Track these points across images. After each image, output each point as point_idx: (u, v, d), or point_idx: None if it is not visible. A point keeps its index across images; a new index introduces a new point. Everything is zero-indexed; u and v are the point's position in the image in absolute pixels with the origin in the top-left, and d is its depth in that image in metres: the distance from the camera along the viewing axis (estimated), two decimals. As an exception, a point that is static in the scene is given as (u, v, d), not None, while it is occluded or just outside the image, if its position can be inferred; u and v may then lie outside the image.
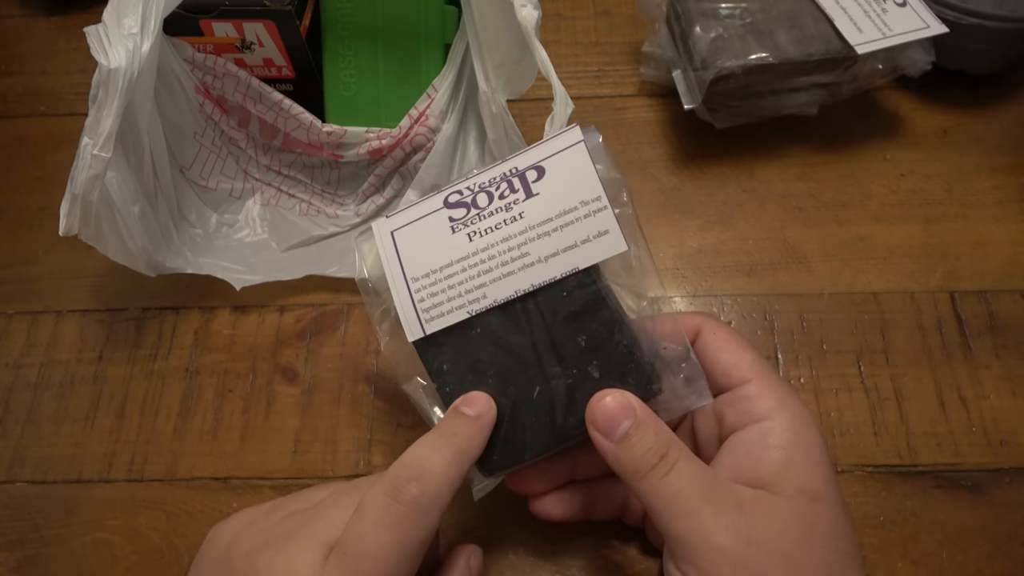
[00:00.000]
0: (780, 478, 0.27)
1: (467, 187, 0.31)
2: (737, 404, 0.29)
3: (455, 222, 0.30)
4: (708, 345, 0.30)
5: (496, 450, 0.30)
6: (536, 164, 0.30)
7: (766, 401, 0.29)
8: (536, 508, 0.32)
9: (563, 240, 0.29)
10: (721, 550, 0.25)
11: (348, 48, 0.44)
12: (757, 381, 0.29)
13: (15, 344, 0.43)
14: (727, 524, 0.25)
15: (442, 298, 0.30)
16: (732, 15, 0.44)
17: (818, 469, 0.27)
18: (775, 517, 0.26)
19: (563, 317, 0.29)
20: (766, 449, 0.28)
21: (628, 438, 0.27)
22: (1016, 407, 0.38)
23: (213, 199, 0.45)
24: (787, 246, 0.44)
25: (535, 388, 0.29)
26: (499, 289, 0.29)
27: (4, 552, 0.37)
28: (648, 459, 0.27)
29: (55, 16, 0.57)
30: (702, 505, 0.26)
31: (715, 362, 0.30)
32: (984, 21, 0.44)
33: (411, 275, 0.30)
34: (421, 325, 0.30)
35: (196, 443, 0.39)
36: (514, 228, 0.29)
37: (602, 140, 0.30)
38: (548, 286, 0.29)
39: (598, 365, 0.29)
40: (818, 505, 0.27)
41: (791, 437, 0.28)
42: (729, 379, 0.30)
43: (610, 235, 0.29)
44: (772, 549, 0.25)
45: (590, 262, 0.29)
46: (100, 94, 0.34)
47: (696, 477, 0.27)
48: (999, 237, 0.43)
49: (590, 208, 0.29)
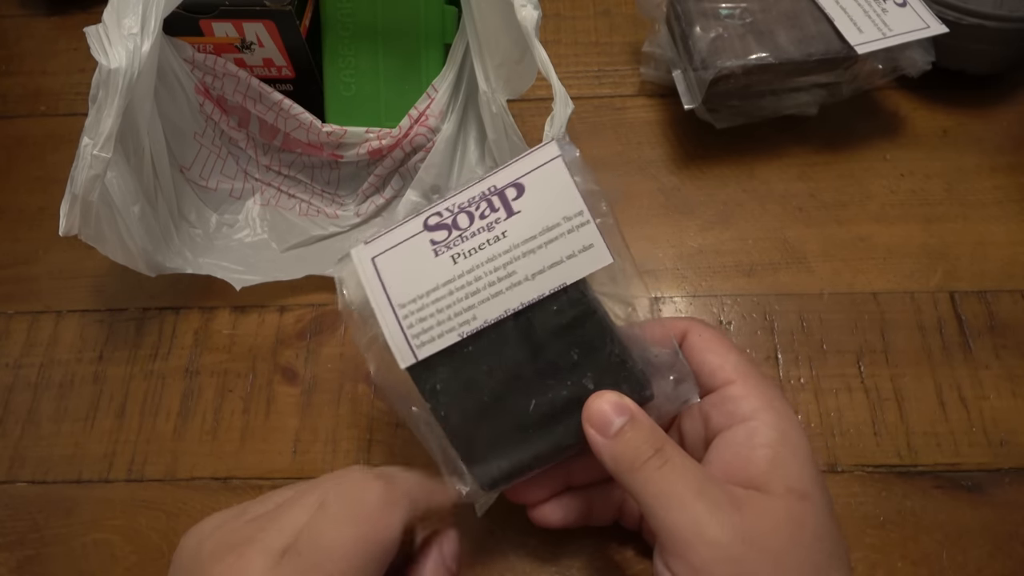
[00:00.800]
0: (768, 477, 0.27)
1: (446, 208, 0.30)
2: (722, 404, 0.29)
3: (437, 244, 0.30)
4: (694, 347, 0.31)
5: (496, 466, 0.30)
6: (515, 181, 0.30)
7: (751, 401, 0.29)
8: (535, 516, 0.32)
9: (548, 257, 0.29)
10: (716, 545, 0.25)
11: (348, 48, 0.44)
12: (742, 382, 0.29)
13: (15, 344, 0.43)
14: (722, 520, 0.25)
15: (431, 323, 0.29)
16: (732, 15, 0.44)
17: (804, 468, 0.27)
18: (766, 515, 0.26)
19: (554, 331, 0.29)
20: (753, 448, 0.28)
21: (623, 433, 0.27)
22: (1016, 407, 0.38)
23: (213, 199, 0.45)
24: (787, 246, 0.44)
25: (531, 402, 0.29)
26: (488, 310, 0.29)
27: (4, 552, 0.37)
28: (643, 451, 0.27)
29: (55, 16, 0.57)
30: (697, 499, 0.26)
31: (701, 363, 0.30)
32: (984, 21, 0.44)
33: (397, 302, 0.30)
34: (412, 351, 0.29)
35: (196, 443, 0.39)
36: (498, 248, 0.29)
37: (579, 154, 0.30)
38: (537, 302, 0.29)
39: (592, 376, 0.29)
40: (806, 504, 0.27)
41: (777, 436, 0.28)
42: (714, 380, 0.30)
43: (595, 249, 0.29)
44: (763, 547, 0.25)
45: (577, 277, 0.29)
46: (100, 94, 0.34)
47: (691, 472, 0.27)
48: (999, 237, 0.43)
49: (573, 223, 0.29)
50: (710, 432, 0.30)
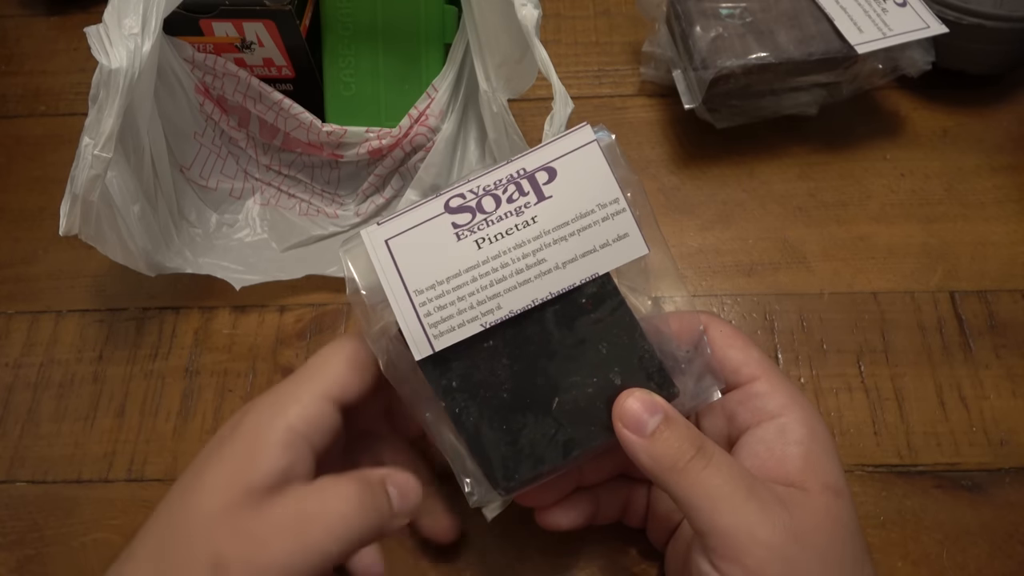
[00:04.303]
0: (805, 474, 0.27)
1: (469, 190, 0.29)
2: (748, 401, 0.29)
3: (460, 228, 0.28)
4: (715, 343, 0.30)
5: (515, 469, 0.28)
6: (546, 165, 0.29)
7: (777, 398, 0.28)
8: (544, 520, 0.32)
9: (581, 245, 0.28)
10: (770, 546, 0.25)
11: (348, 48, 0.44)
12: (766, 378, 0.29)
13: (15, 344, 0.43)
14: (774, 520, 0.25)
15: (451, 311, 0.27)
16: (732, 15, 0.44)
17: (835, 464, 0.27)
18: (809, 513, 0.26)
19: (582, 324, 0.28)
20: (787, 446, 0.27)
21: (660, 432, 0.27)
22: (1016, 407, 0.38)
23: (213, 199, 0.45)
24: (787, 246, 0.44)
25: (554, 400, 0.28)
26: (515, 299, 0.28)
27: (4, 552, 0.37)
28: (684, 451, 0.26)
29: (55, 16, 0.57)
30: (747, 500, 0.25)
31: (724, 359, 0.30)
32: (984, 21, 0.44)
33: (413, 288, 0.28)
34: (429, 341, 0.27)
35: (196, 443, 0.39)
36: (527, 233, 0.28)
37: (615, 138, 0.29)
38: (565, 293, 0.28)
39: (619, 372, 0.28)
40: (841, 500, 0.27)
41: (808, 433, 0.28)
42: (738, 376, 0.29)
43: (630, 238, 0.28)
44: (810, 544, 0.25)
45: (611, 267, 0.28)
46: (101, 94, 0.34)
47: (737, 472, 0.26)
48: (999, 237, 0.43)
49: (608, 211, 0.28)
50: (735, 429, 0.29)
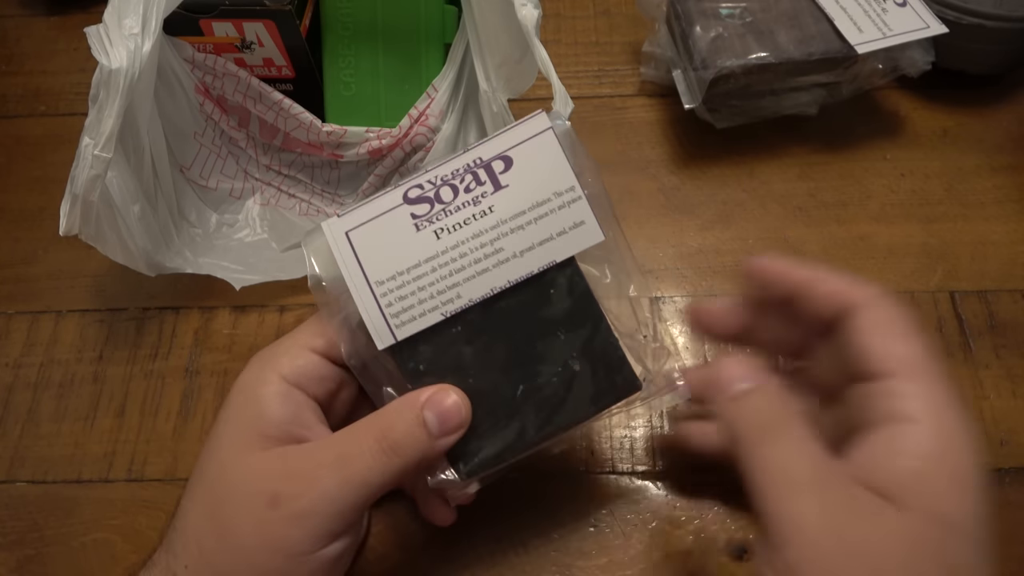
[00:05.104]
0: (907, 492, 0.23)
1: (427, 180, 0.29)
2: (875, 398, 0.26)
3: (419, 219, 0.28)
4: (861, 328, 0.26)
5: (478, 453, 0.29)
6: (502, 154, 0.29)
7: (912, 403, 0.25)
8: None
9: (538, 233, 0.28)
10: (815, 545, 0.22)
11: (348, 48, 0.44)
12: (908, 377, 0.25)
13: (15, 344, 0.43)
14: (830, 521, 0.23)
15: (412, 301, 0.28)
16: (732, 15, 0.44)
17: (961, 494, 0.24)
18: (888, 532, 0.23)
19: (543, 311, 0.28)
20: (897, 456, 0.24)
21: (747, 394, 0.25)
22: (1016, 407, 0.38)
23: (213, 199, 0.45)
24: (787, 246, 0.44)
25: (519, 387, 0.29)
26: (474, 288, 0.28)
27: (4, 552, 0.37)
28: (769, 421, 0.24)
29: (55, 16, 0.57)
30: (809, 491, 0.23)
31: (863, 346, 0.26)
32: (984, 21, 0.44)
33: (374, 279, 0.28)
34: (391, 331, 0.28)
35: (196, 443, 0.39)
36: (485, 223, 0.28)
37: (570, 126, 0.29)
38: (525, 281, 0.28)
39: (580, 359, 0.28)
40: (948, 535, 0.23)
41: (933, 449, 0.24)
42: (873, 368, 0.26)
43: (586, 225, 0.28)
44: (868, 565, 0.22)
45: (567, 254, 0.28)
46: (101, 94, 0.34)
47: (814, 458, 0.24)
48: (999, 237, 0.43)
49: (564, 199, 0.28)
50: (855, 425, 0.26)
